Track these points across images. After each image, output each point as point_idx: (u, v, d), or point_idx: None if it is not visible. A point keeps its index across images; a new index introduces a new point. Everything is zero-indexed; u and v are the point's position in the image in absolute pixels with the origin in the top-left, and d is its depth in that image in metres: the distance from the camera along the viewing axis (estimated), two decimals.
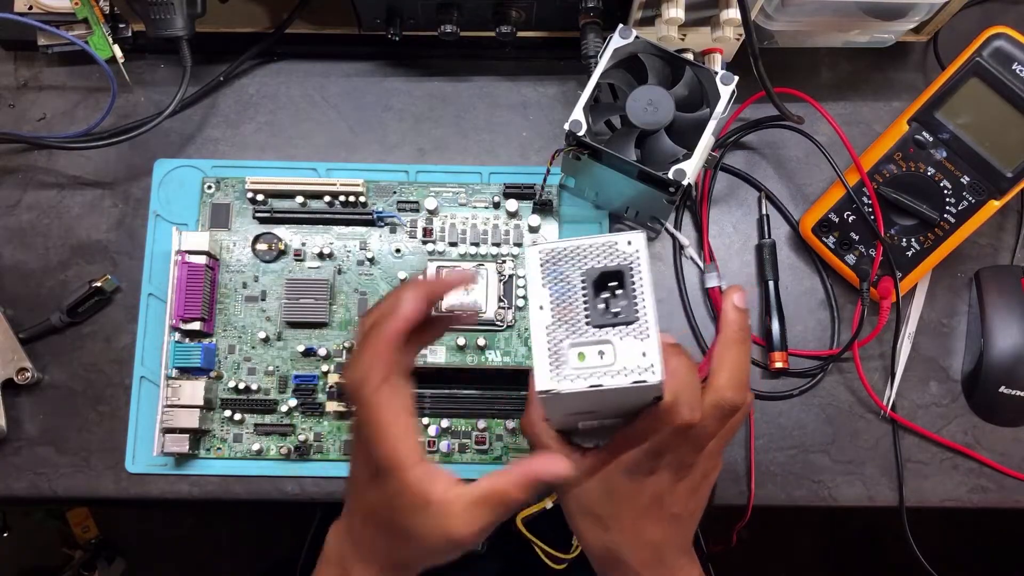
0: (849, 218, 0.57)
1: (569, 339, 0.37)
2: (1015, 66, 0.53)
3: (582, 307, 0.38)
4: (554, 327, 0.38)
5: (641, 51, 0.50)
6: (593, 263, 0.38)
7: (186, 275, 0.55)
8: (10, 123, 0.61)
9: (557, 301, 0.38)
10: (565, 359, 0.37)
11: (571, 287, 0.38)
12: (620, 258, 0.38)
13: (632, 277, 0.38)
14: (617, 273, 0.38)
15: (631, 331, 0.37)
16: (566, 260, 0.39)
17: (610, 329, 0.37)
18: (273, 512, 1.14)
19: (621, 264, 0.38)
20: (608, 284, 0.38)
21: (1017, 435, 0.58)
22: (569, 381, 0.37)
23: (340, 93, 0.63)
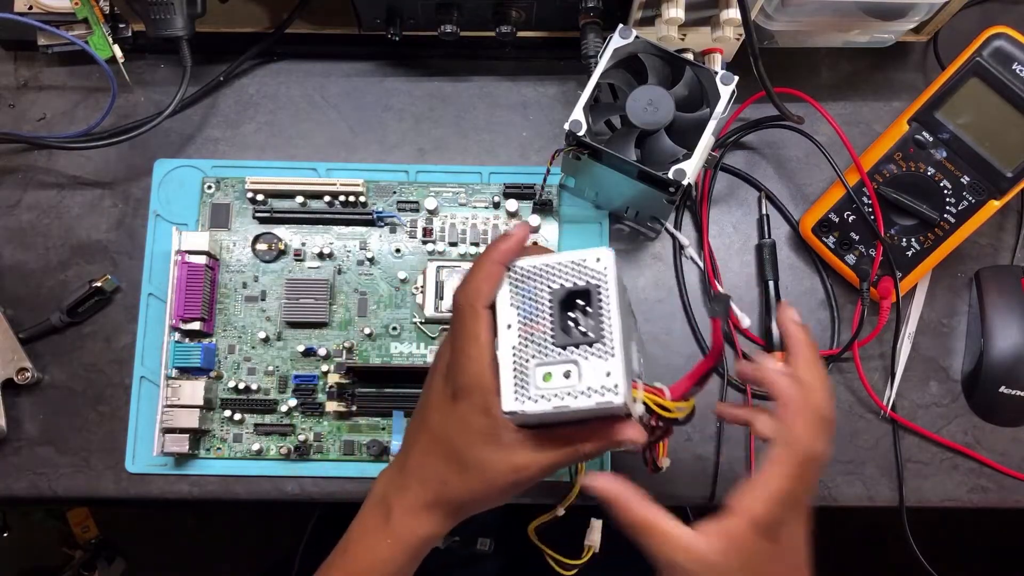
0: (849, 218, 0.57)
1: (535, 359, 0.37)
2: (1015, 66, 0.53)
3: (549, 327, 0.38)
4: (521, 347, 0.38)
5: (641, 51, 0.50)
6: (562, 281, 0.38)
7: (186, 275, 0.55)
8: (10, 123, 0.61)
9: (525, 320, 0.38)
10: (530, 379, 0.37)
11: (539, 306, 0.38)
12: (588, 276, 0.38)
13: (599, 296, 0.37)
14: (585, 292, 0.38)
15: (595, 351, 0.37)
16: (535, 279, 0.39)
17: (575, 349, 0.37)
18: (273, 512, 1.14)
19: (589, 283, 0.38)
20: (576, 303, 0.38)
21: (1017, 435, 0.58)
22: (533, 402, 0.37)
23: (340, 93, 0.63)
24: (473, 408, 0.39)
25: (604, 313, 0.37)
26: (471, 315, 0.39)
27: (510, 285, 0.39)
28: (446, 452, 0.40)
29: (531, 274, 0.39)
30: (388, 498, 0.42)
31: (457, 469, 0.40)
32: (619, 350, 0.37)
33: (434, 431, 0.41)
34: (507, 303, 0.39)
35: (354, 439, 0.56)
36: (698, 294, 0.60)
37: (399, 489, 0.42)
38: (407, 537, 0.42)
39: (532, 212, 0.59)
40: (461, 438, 0.39)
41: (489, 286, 0.39)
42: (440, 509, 0.41)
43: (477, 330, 0.39)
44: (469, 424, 0.39)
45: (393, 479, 0.43)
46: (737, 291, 0.60)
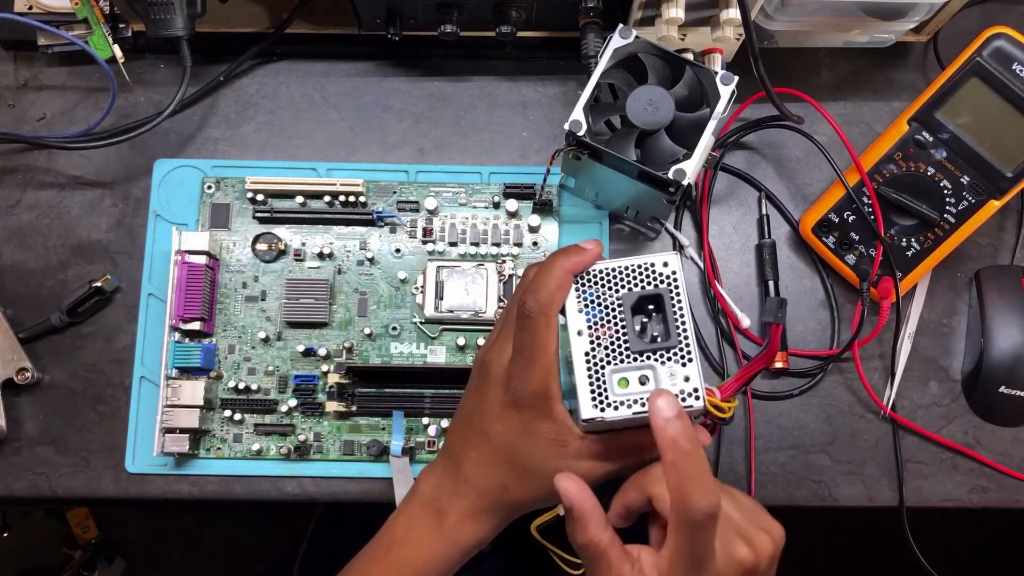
0: (849, 218, 0.57)
1: (611, 365, 0.38)
2: (1015, 66, 0.53)
3: (621, 332, 0.38)
4: (594, 353, 0.38)
5: (641, 51, 0.50)
6: (631, 286, 0.38)
7: (186, 275, 0.55)
8: (10, 123, 0.61)
9: (595, 325, 0.38)
10: (607, 386, 0.37)
11: (608, 311, 0.38)
12: (657, 280, 0.38)
13: (671, 301, 0.38)
14: (655, 297, 0.38)
15: (672, 356, 0.37)
16: (603, 284, 0.39)
17: (651, 355, 0.37)
18: (273, 512, 1.14)
19: (659, 287, 0.38)
20: (646, 307, 0.38)
21: (1017, 435, 0.58)
22: (613, 409, 0.37)
23: (340, 93, 0.63)
24: (540, 416, 0.39)
25: (677, 317, 0.38)
26: (544, 324, 0.38)
27: (576, 289, 0.39)
28: (508, 460, 0.40)
29: (599, 280, 0.39)
30: (440, 502, 0.42)
31: (519, 476, 0.40)
32: (696, 354, 0.37)
33: (495, 440, 0.41)
34: (575, 308, 0.39)
35: (354, 439, 0.56)
36: (698, 294, 0.60)
37: (453, 495, 0.42)
38: (463, 540, 0.42)
39: (532, 212, 0.59)
40: (526, 447, 0.40)
41: (561, 295, 0.39)
42: (498, 514, 0.42)
43: (548, 339, 0.38)
44: (536, 432, 0.39)
45: (445, 484, 0.43)
46: (737, 291, 0.60)
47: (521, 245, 0.58)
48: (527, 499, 0.41)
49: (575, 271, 0.39)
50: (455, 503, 0.42)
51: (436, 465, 0.44)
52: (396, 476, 0.54)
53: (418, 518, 0.43)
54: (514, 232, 0.58)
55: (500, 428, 0.41)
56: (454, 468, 0.43)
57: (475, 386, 0.43)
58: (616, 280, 0.39)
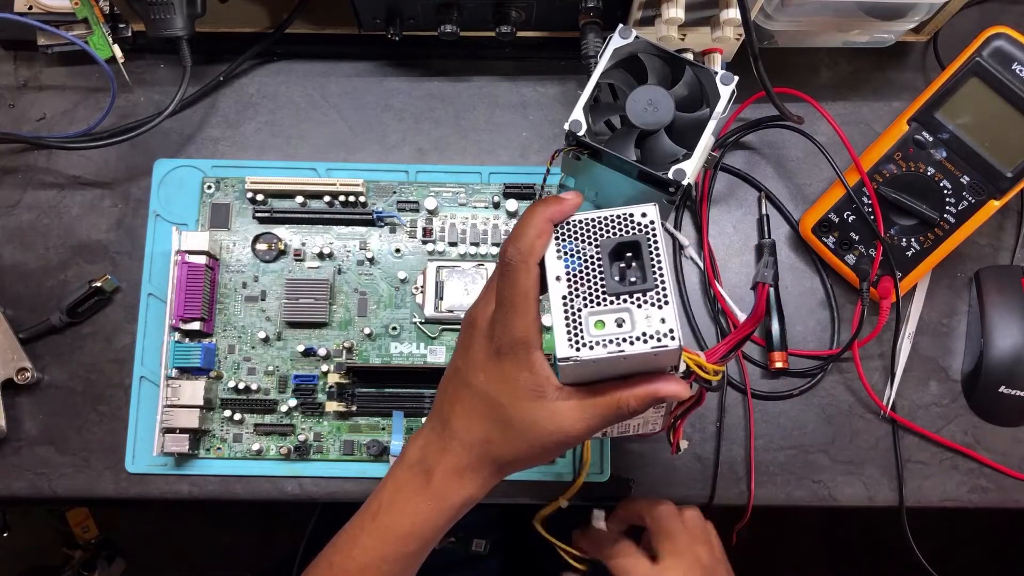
0: (849, 218, 0.57)
1: (587, 308, 0.38)
2: (1015, 66, 0.53)
3: (599, 277, 0.38)
4: (571, 297, 0.38)
5: (641, 51, 0.50)
6: (609, 234, 0.39)
7: (186, 275, 0.55)
8: (10, 123, 0.61)
9: (574, 272, 0.39)
10: (583, 327, 0.38)
11: (587, 258, 0.39)
12: (635, 229, 0.39)
13: (649, 247, 0.38)
14: (633, 244, 0.39)
15: (649, 299, 0.37)
16: (582, 232, 0.39)
17: (628, 297, 0.38)
18: (273, 512, 1.14)
19: (637, 235, 0.39)
20: (624, 255, 0.39)
21: (1017, 435, 0.58)
22: (588, 349, 0.37)
23: (340, 93, 0.63)
24: (519, 364, 0.39)
25: (654, 262, 0.38)
26: (524, 271, 0.39)
27: (556, 239, 0.39)
28: (490, 411, 0.40)
29: (578, 229, 0.39)
30: (427, 460, 0.42)
31: (502, 428, 0.40)
32: (673, 297, 0.37)
33: (478, 390, 0.41)
34: (555, 256, 0.39)
35: (354, 439, 0.56)
36: (698, 294, 0.60)
37: (440, 451, 0.42)
38: (451, 498, 0.42)
39: None
40: (507, 396, 0.39)
41: (541, 243, 0.39)
42: (484, 470, 0.41)
43: (528, 286, 0.39)
44: (515, 381, 0.39)
45: (431, 442, 0.43)
46: (737, 291, 0.60)
47: None
48: (512, 453, 0.41)
49: (555, 219, 0.39)
50: (441, 460, 0.42)
51: (424, 427, 0.44)
52: None
53: (405, 480, 0.43)
54: None
55: (483, 378, 0.40)
56: (441, 426, 0.42)
57: (461, 341, 0.43)
58: (595, 229, 0.39)
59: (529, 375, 0.39)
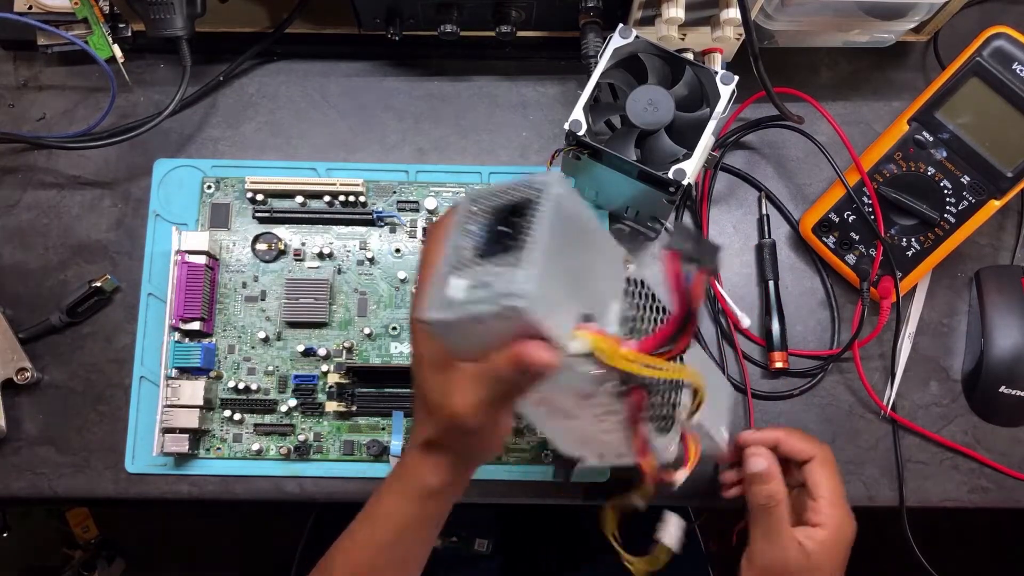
0: (849, 218, 0.57)
1: (452, 271, 0.34)
2: (1015, 66, 0.53)
3: (473, 242, 0.35)
4: (446, 262, 0.35)
5: (641, 51, 0.50)
6: (502, 200, 0.36)
7: (186, 275, 0.55)
8: (10, 123, 0.61)
9: (458, 238, 0.36)
10: (443, 289, 0.34)
11: (478, 225, 0.36)
12: (531, 192, 0.35)
13: (533, 209, 0.34)
14: (519, 206, 0.35)
15: (512, 259, 0.33)
16: (485, 200, 0.36)
17: (494, 259, 0.34)
18: (273, 512, 1.14)
19: (528, 197, 0.35)
20: (511, 220, 0.35)
21: (1017, 435, 0.58)
22: (444, 309, 0.34)
23: (340, 93, 0.63)
24: (422, 338, 0.39)
25: (534, 224, 0.33)
26: (431, 241, 0.39)
27: (468, 214, 0.36)
28: (419, 391, 0.40)
29: (482, 196, 0.36)
30: (403, 455, 0.43)
31: (427, 408, 0.40)
32: (539, 257, 0.33)
33: (412, 375, 0.41)
34: (460, 230, 0.36)
35: (354, 439, 0.56)
36: None
37: (410, 447, 0.43)
38: (412, 483, 0.42)
39: None
40: (419, 372, 0.40)
41: (450, 215, 0.38)
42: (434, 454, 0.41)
43: (430, 255, 0.38)
44: (421, 356, 0.39)
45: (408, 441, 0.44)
46: (737, 291, 0.60)
47: None
48: (443, 434, 0.40)
49: (471, 194, 0.38)
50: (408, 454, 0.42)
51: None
52: None
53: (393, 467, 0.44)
54: None
55: (414, 362, 0.41)
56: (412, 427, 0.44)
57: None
58: (496, 195, 0.36)
59: (429, 347, 0.38)
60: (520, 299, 0.32)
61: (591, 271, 0.36)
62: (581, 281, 0.35)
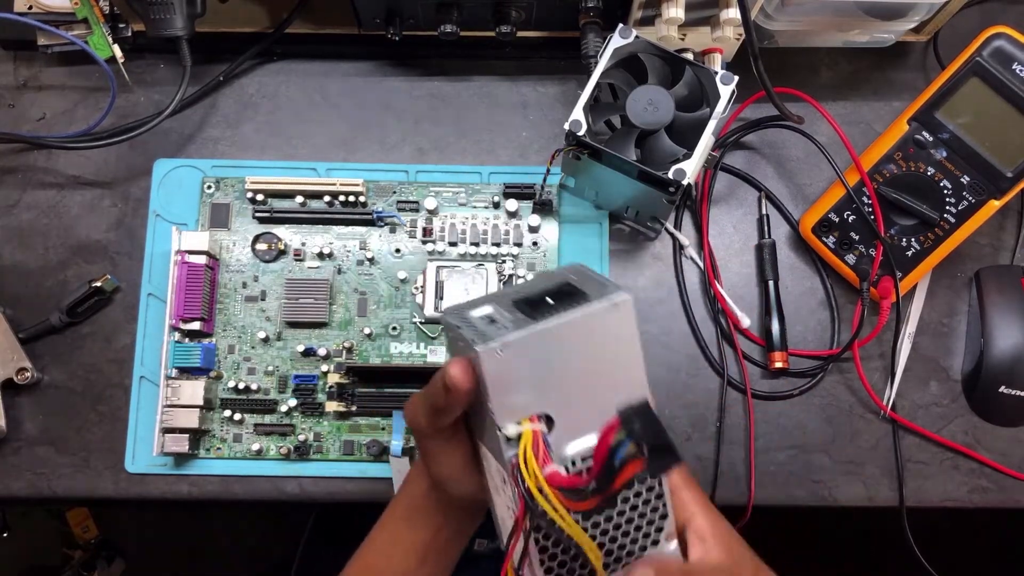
0: (849, 218, 0.57)
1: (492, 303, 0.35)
2: (1015, 66, 0.53)
3: (532, 296, 0.35)
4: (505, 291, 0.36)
5: (641, 51, 0.50)
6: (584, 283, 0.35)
7: (186, 275, 0.55)
8: (10, 123, 0.61)
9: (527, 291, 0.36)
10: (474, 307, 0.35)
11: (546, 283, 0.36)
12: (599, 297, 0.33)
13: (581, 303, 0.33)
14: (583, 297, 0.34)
15: (521, 321, 0.34)
16: (581, 272, 0.36)
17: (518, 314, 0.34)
18: (273, 512, 1.14)
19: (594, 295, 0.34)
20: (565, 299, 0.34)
21: (1017, 435, 0.58)
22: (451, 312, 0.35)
23: (340, 93, 0.63)
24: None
25: (562, 314, 0.33)
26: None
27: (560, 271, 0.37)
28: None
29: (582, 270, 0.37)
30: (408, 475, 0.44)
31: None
32: (536, 336, 0.32)
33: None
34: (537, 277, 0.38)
35: (354, 439, 0.56)
36: (698, 294, 0.60)
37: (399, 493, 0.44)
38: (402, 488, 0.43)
39: (532, 212, 0.59)
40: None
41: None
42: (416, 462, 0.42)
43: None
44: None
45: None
46: (737, 291, 0.60)
47: (521, 245, 0.58)
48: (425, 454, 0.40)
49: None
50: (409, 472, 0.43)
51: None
52: (396, 476, 0.54)
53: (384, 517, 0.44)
54: (514, 232, 0.58)
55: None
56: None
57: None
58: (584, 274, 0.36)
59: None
60: (483, 347, 0.32)
61: (590, 395, 0.34)
62: (572, 394, 0.34)
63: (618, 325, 0.33)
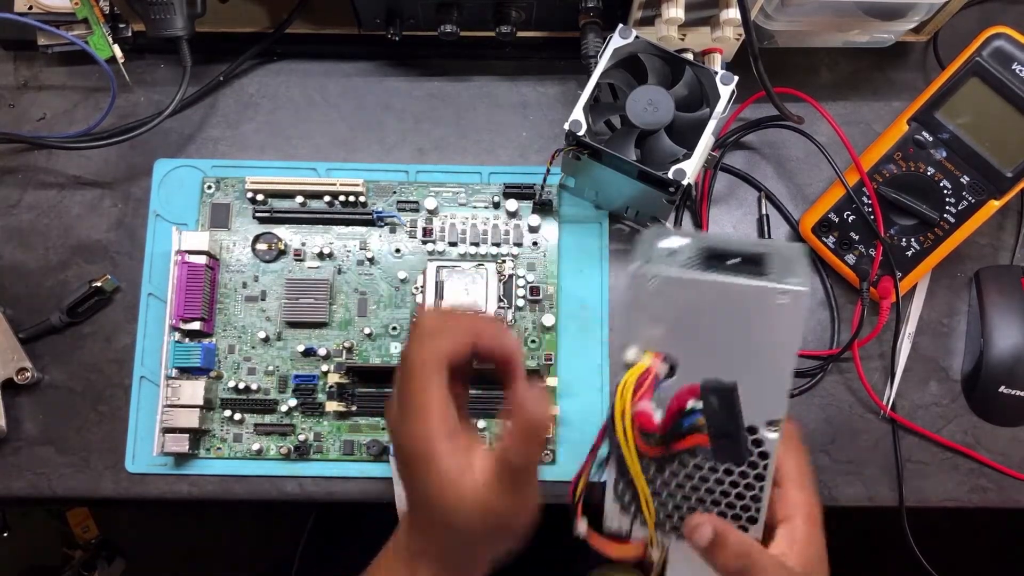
0: (849, 218, 0.57)
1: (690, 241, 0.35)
2: (1015, 66, 0.53)
3: (733, 250, 0.35)
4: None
5: (641, 51, 0.50)
6: (786, 263, 0.35)
7: (186, 275, 0.55)
8: (10, 123, 0.61)
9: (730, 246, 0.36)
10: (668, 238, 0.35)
11: (744, 247, 0.36)
12: (786, 286, 0.34)
13: (767, 271, 0.34)
14: (776, 271, 0.34)
15: (700, 267, 0.34)
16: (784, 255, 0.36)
17: (712, 262, 0.34)
18: (273, 512, 1.14)
19: (787, 289, 0.34)
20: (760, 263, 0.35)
21: (1017, 435, 0.58)
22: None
23: (340, 93, 0.63)
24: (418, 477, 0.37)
25: (735, 276, 0.33)
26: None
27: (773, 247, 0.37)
28: (420, 510, 0.38)
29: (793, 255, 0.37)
30: (413, 559, 0.40)
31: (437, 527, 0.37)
32: (695, 280, 0.33)
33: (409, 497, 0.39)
34: (748, 241, 0.39)
35: (354, 439, 0.56)
36: None
37: (420, 555, 0.39)
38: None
39: (532, 212, 0.59)
40: (409, 480, 0.38)
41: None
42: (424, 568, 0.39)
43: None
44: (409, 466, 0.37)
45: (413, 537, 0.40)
46: None
47: (521, 245, 0.58)
48: (475, 557, 0.38)
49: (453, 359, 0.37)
50: (422, 568, 0.39)
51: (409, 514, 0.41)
52: (396, 476, 0.54)
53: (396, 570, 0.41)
54: (514, 232, 0.58)
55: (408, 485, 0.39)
56: (412, 538, 0.40)
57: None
58: (793, 260, 0.36)
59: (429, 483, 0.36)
60: (639, 269, 0.33)
61: (722, 363, 0.34)
62: (705, 354, 0.34)
63: (782, 313, 0.33)
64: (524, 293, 0.57)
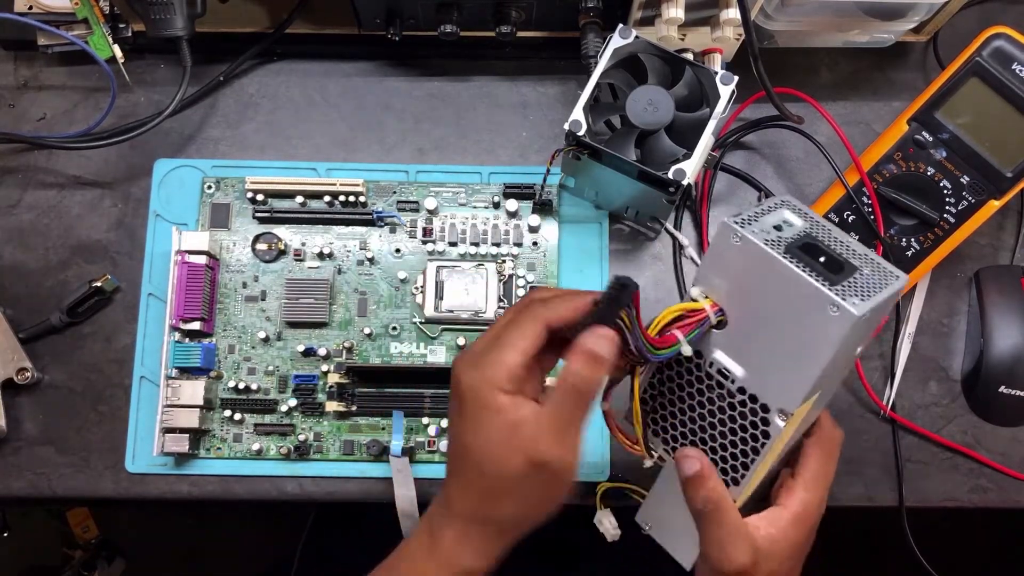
0: (849, 218, 0.57)
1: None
2: (1015, 66, 0.53)
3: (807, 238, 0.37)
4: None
5: (641, 51, 0.50)
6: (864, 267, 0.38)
7: (186, 275, 0.55)
8: (10, 123, 0.61)
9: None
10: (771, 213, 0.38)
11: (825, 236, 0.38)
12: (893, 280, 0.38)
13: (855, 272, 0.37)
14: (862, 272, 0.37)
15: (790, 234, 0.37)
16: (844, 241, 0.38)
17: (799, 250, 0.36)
18: (273, 512, 1.14)
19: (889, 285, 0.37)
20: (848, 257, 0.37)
21: (1017, 435, 0.58)
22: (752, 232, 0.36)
23: (340, 93, 0.63)
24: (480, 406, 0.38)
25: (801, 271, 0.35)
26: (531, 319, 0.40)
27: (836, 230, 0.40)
28: (462, 458, 0.39)
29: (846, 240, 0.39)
30: (435, 527, 0.41)
31: (476, 473, 0.39)
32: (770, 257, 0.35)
33: (454, 437, 0.40)
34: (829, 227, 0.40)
35: (354, 439, 0.56)
36: None
37: (444, 518, 0.41)
38: (453, 567, 0.40)
39: (532, 212, 0.59)
40: (459, 425, 0.39)
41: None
42: (479, 534, 0.40)
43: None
44: (462, 409, 0.39)
45: (439, 509, 0.41)
46: None
47: (521, 245, 0.58)
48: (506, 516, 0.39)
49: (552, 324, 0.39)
50: (446, 529, 0.40)
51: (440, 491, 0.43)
52: (396, 476, 0.54)
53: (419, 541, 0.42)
54: (514, 232, 0.58)
55: (457, 426, 0.40)
56: (444, 493, 0.41)
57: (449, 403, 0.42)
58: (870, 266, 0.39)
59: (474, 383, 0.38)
60: (730, 224, 0.35)
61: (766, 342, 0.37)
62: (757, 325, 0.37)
63: (828, 323, 0.35)
64: (524, 293, 0.58)
